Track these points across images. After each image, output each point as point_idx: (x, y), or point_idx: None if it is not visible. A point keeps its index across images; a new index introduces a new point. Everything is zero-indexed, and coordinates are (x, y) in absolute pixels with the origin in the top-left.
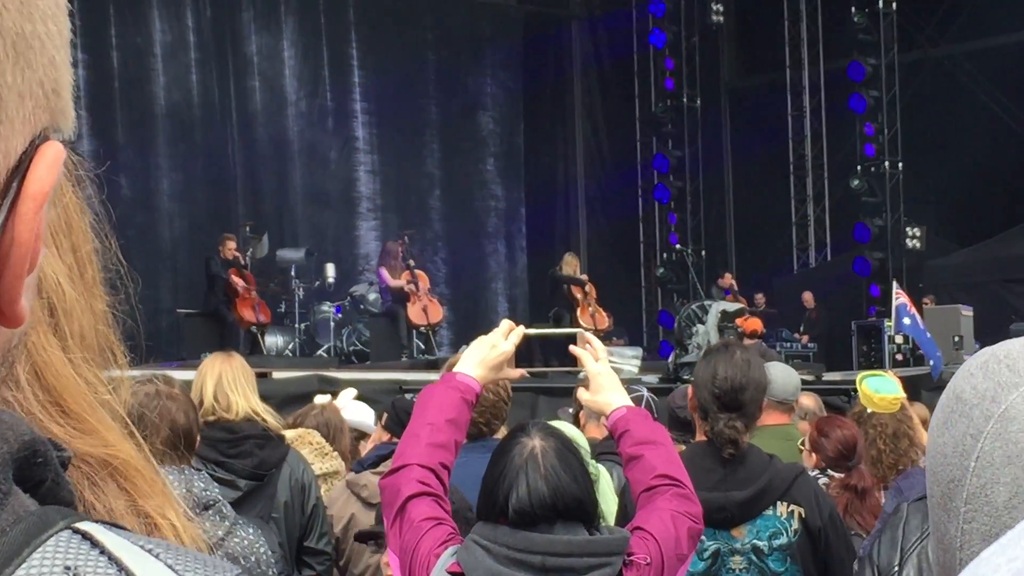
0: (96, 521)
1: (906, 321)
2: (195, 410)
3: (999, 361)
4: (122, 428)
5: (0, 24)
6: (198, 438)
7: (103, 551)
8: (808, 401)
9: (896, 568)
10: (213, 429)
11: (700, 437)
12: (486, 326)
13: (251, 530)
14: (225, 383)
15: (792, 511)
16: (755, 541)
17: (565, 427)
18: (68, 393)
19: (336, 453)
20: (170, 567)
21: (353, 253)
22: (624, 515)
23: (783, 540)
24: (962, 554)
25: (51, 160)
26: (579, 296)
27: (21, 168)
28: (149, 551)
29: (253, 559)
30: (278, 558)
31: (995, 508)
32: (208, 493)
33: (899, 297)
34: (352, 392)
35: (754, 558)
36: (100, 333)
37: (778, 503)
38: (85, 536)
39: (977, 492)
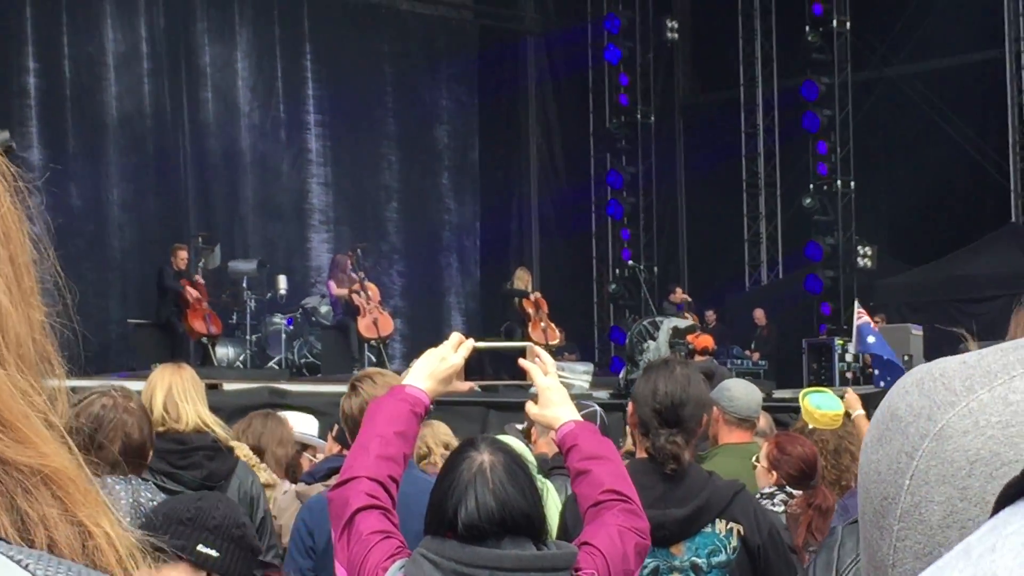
0: None
1: (871, 340)
2: (150, 424)
3: (935, 379)
4: (58, 438)
5: None
6: (151, 451)
7: None
8: (762, 423)
9: None
10: (163, 440)
11: (641, 453)
12: (440, 340)
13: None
14: (175, 394)
15: (731, 528)
16: (694, 558)
17: (512, 442)
18: (2, 403)
19: (264, 466)
20: None
21: (305, 265)
22: (564, 530)
23: (722, 557)
24: (894, 572)
25: None
26: (531, 311)
27: None
28: (18, 562)
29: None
30: None
31: (929, 527)
32: (154, 503)
33: (861, 316)
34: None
35: (693, 575)
36: (37, 343)
37: (717, 520)
38: None
39: (911, 510)
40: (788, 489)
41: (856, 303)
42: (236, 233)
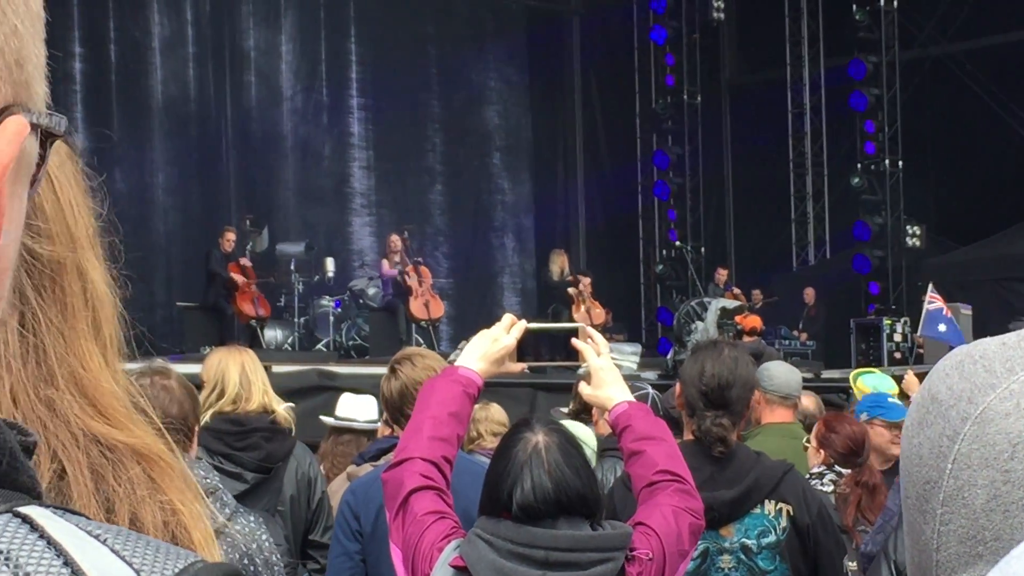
0: (46, 506)
1: (942, 328)
2: (193, 399)
3: (975, 361)
4: (150, 425)
5: None
6: (196, 428)
7: (43, 535)
8: (808, 403)
9: None
10: (220, 421)
11: (688, 436)
12: (490, 321)
13: (252, 518)
14: (248, 373)
15: (780, 509)
16: (743, 540)
17: (574, 426)
18: (105, 399)
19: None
20: (116, 552)
21: (347, 249)
22: (612, 512)
23: (771, 538)
24: (938, 555)
25: (11, 133)
26: (572, 294)
27: None
28: (96, 536)
29: (255, 546)
30: (283, 551)
31: (972, 511)
32: (208, 481)
33: (934, 301)
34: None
35: (743, 557)
36: (120, 336)
37: (766, 501)
38: (26, 520)
39: (954, 494)
40: (837, 468)
41: (931, 287)
42: (278, 217)
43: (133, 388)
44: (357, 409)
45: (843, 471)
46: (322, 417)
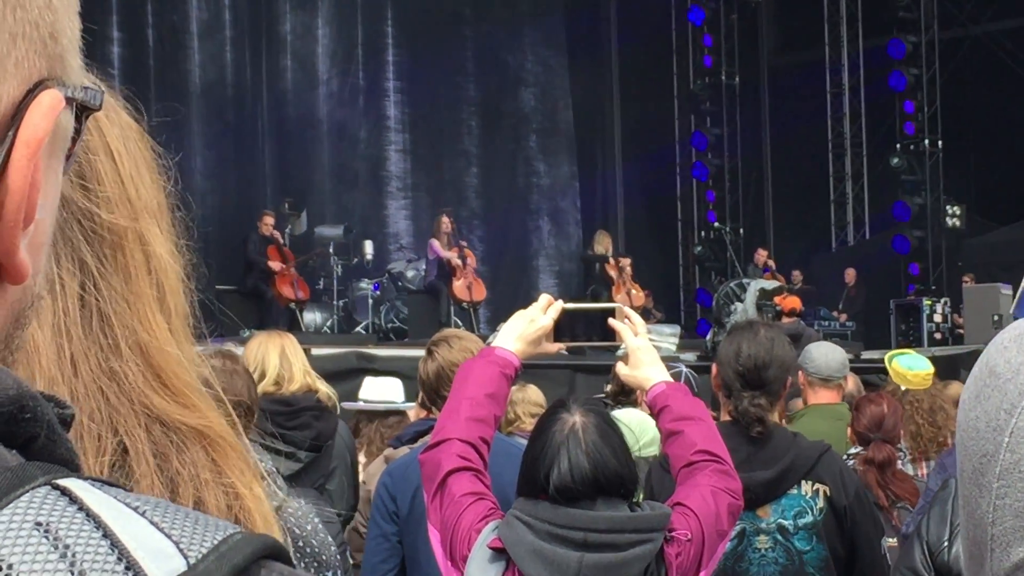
0: (84, 478)
1: None
2: (255, 386)
3: None
4: (216, 404)
5: None
6: (257, 413)
7: (81, 507)
8: (849, 385)
9: (946, 543)
10: (269, 402)
11: (724, 416)
12: (526, 304)
13: (302, 501)
14: (289, 356)
15: (817, 489)
16: (780, 520)
17: (630, 413)
18: (170, 369)
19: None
20: (155, 524)
21: (382, 232)
22: (649, 493)
23: (808, 519)
24: (994, 529)
25: (47, 107)
26: (613, 274)
27: (18, 117)
28: (134, 508)
29: (309, 528)
30: (337, 530)
31: None
32: (264, 465)
33: None
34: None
35: (780, 537)
36: (188, 312)
37: (803, 482)
38: (64, 492)
39: (1011, 468)
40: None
41: None
42: (314, 201)
43: (199, 359)
44: (377, 391)
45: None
46: (345, 404)
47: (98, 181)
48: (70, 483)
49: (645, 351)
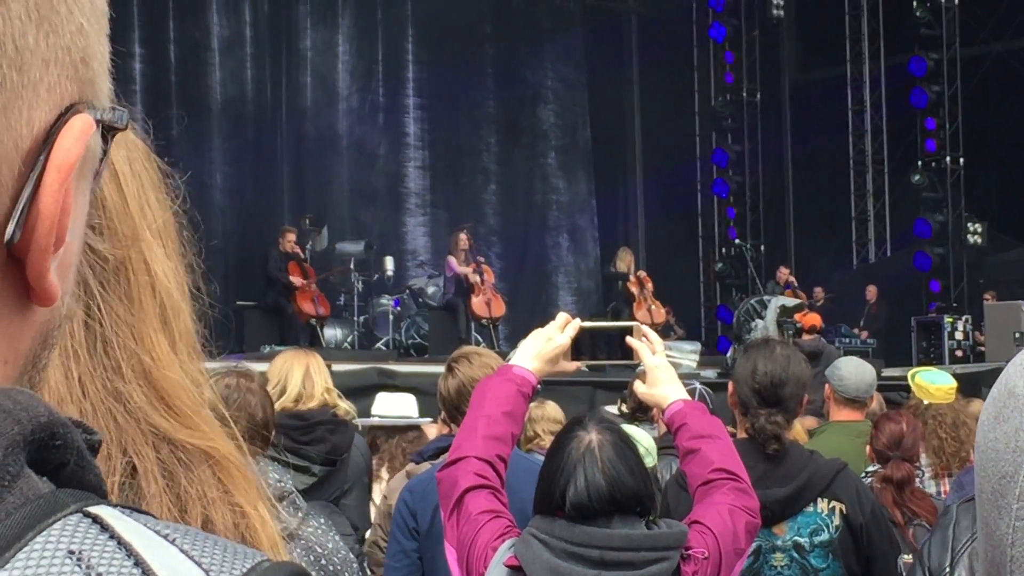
0: (114, 505)
1: None
2: (272, 403)
3: None
4: (222, 425)
5: None
6: (274, 431)
7: (113, 535)
8: (871, 403)
9: (947, 569)
10: (284, 417)
11: (741, 434)
12: (544, 321)
13: (321, 520)
14: (312, 373)
15: (833, 507)
16: (796, 538)
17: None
18: (174, 391)
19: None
20: (185, 552)
21: (401, 248)
22: (665, 510)
23: (824, 536)
24: (1014, 551)
25: (78, 131)
26: (635, 291)
27: (49, 141)
28: (165, 536)
29: (331, 546)
30: (353, 543)
31: None
32: (282, 484)
33: None
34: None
35: (796, 555)
36: (194, 331)
37: (819, 499)
38: (96, 520)
39: None
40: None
41: None
42: (332, 217)
43: (203, 379)
44: (391, 406)
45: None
46: (359, 421)
47: (101, 206)
48: (101, 510)
49: (663, 369)
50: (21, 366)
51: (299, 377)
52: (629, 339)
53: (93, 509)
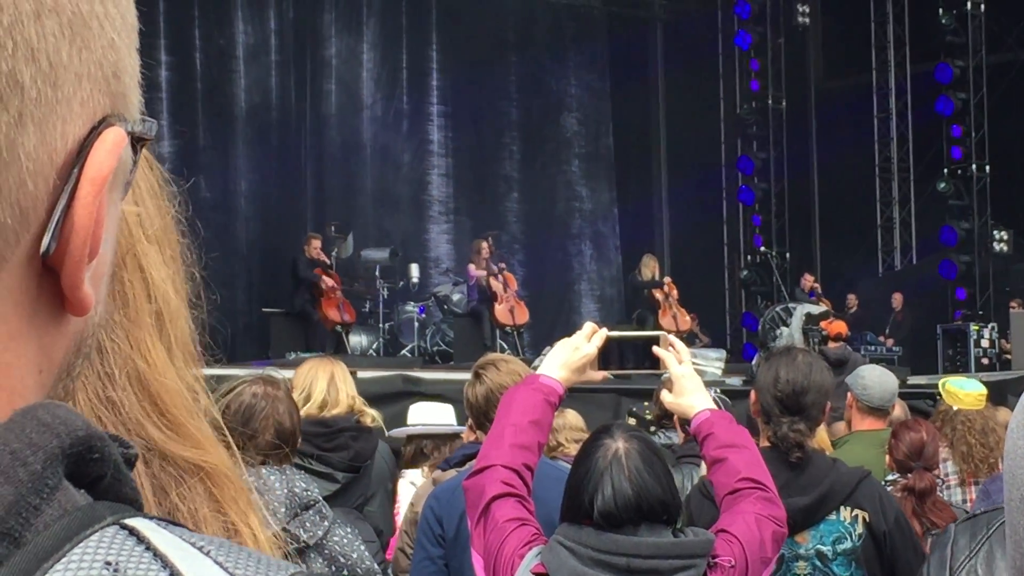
0: (150, 518)
1: None
2: (298, 411)
3: None
4: (217, 435)
5: (56, 2)
6: (299, 439)
7: (149, 547)
8: (896, 412)
9: None
10: (307, 424)
11: (763, 442)
12: (568, 328)
13: (348, 529)
14: (337, 381)
15: (856, 515)
16: (819, 546)
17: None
18: (169, 398)
19: None
20: (220, 564)
21: (424, 256)
22: (689, 519)
23: (847, 545)
24: None
25: (111, 144)
26: (660, 298)
27: (83, 154)
28: (200, 548)
29: (355, 556)
30: (376, 550)
31: None
32: (308, 493)
33: None
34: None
35: (818, 563)
36: (192, 338)
37: (842, 508)
38: (132, 532)
39: None
40: (897, 475)
41: None
42: (356, 224)
43: (199, 387)
44: (431, 415)
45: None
46: (395, 432)
47: None
48: (137, 523)
49: (689, 379)
50: (56, 374)
51: (324, 384)
52: (656, 348)
53: (130, 521)
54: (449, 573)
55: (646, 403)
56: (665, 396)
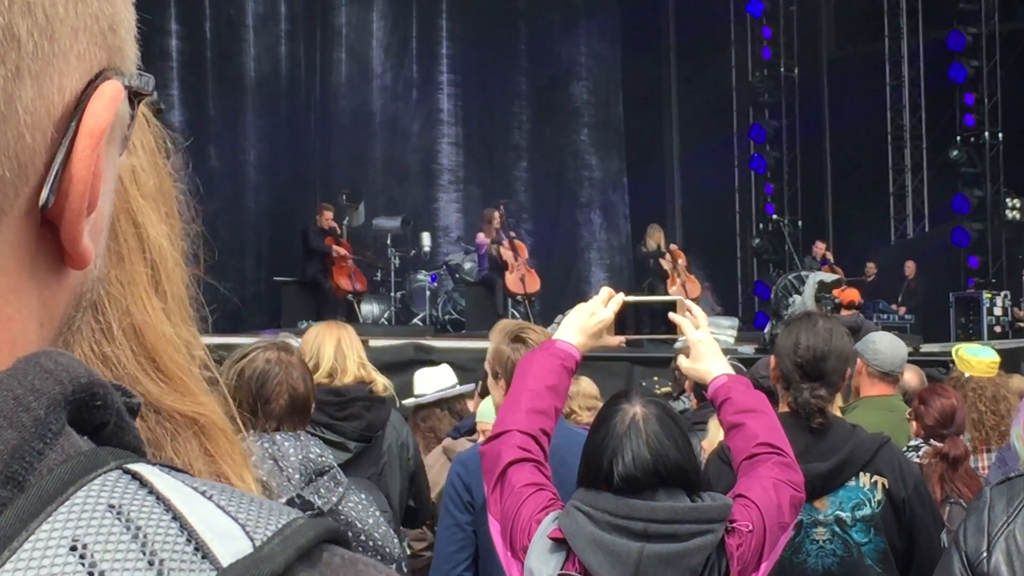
0: (152, 463)
1: None
2: (311, 377)
3: None
4: (212, 387)
5: None
6: (313, 404)
7: (152, 491)
8: (912, 377)
9: (984, 554)
10: (320, 392)
11: (783, 408)
12: (576, 298)
13: (362, 495)
14: (344, 348)
15: (875, 482)
16: (838, 512)
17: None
18: (165, 352)
19: None
20: (222, 508)
21: (433, 225)
22: (706, 485)
23: (866, 511)
24: None
25: (108, 97)
26: (667, 267)
27: (80, 107)
28: (202, 492)
29: (372, 521)
30: (388, 518)
31: None
32: (323, 459)
33: None
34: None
35: (837, 529)
36: (189, 297)
37: (861, 474)
38: (135, 476)
39: None
40: (933, 442)
41: None
42: (365, 193)
43: (195, 342)
44: (437, 380)
45: (936, 444)
46: (408, 401)
47: None
48: (140, 468)
49: (707, 344)
50: (56, 328)
51: (331, 351)
52: (672, 315)
53: (132, 466)
54: (477, 539)
55: (656, 378)
56: (682, 361)
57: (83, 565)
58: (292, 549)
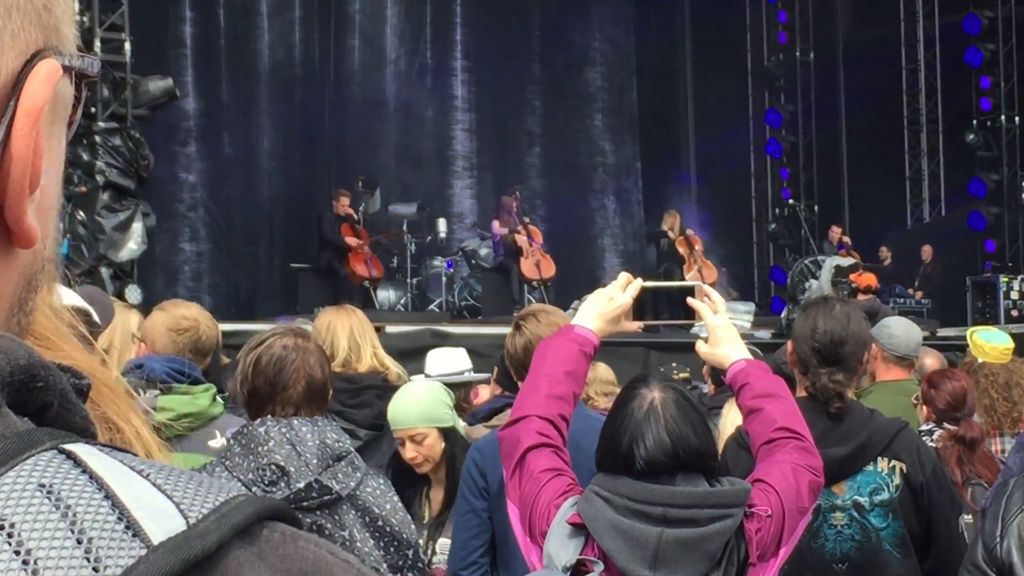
0: (92, 443)
1: None
2: (329, 363)
3: None
4: (89, 347)
5: None
6: (331, 391)
7: (85, 470)
8: (933, 363)
9: (998, 539)
10: (334, 379)
11: (801, 393)
12: (590, 284)
13: (381, 480)
14: (356, 335)
15: (893, 466)
16: (856, 497)
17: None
18: (36, 320)
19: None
20: (157, 486)
21: (447, 211)
22: (724, 470)
23: (884, 496)
24: None
25: (44, 76)
26: (683, 251)
27: (18, 87)
28: (139, 472)
29: (389, 507)
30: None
31: None
32: (340, 444)
33: None
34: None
35: (855, 514)
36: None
37: (879, 458)
38: (69, 456)
39: None
40: (946, 425)
41: None
42: (379, 180)
43: (59, 305)
44: (446, 363)
45: (950, 427)
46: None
47: None
48: (77, 448)
49: (725, 329)
50: (7, 309)
51: (344, 342)
52: (690, 300)
53: (68, 446)
54: (493, 526)
55: (674, 364)
56: (701, 347)
57: (10, 544)
58: (227, 527)
